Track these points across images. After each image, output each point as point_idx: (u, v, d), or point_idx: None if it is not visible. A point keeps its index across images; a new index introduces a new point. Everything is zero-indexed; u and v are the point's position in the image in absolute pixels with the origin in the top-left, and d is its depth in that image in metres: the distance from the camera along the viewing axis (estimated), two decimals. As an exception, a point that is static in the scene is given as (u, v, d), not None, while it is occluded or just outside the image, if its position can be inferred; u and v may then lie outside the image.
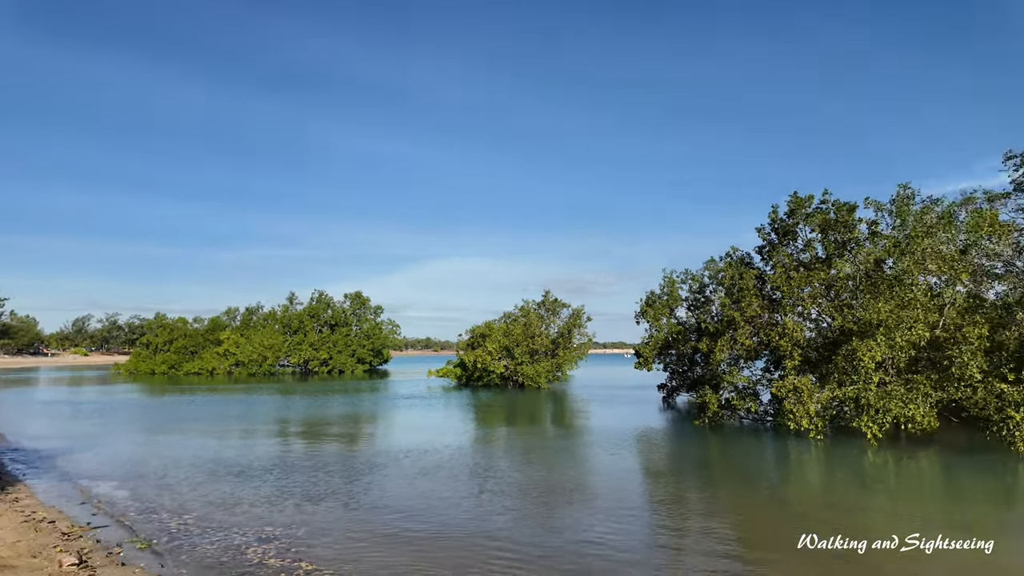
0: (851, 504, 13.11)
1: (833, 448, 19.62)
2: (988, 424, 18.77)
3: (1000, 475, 15.86)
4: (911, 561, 9.22)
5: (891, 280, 22.04)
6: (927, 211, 23.22)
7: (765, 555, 9.60)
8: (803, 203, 26.19)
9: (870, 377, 19.93)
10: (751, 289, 26.35)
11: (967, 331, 19.53)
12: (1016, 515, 12.58)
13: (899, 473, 16.45)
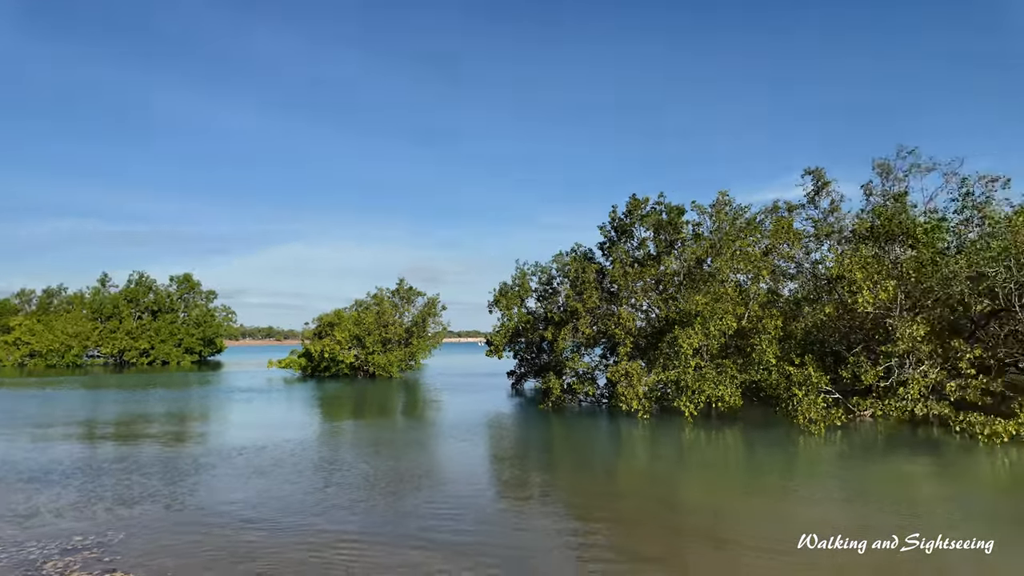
0: (669, 476, 14.75)
1: (658, 426, 21.83)
2: (779, 401, 22.06)
3: (785, 445, 18.74)
4: (714, 517, 10.65)
5: (708, 276, 24.96)
6: (738, 216, 26.60)
7: (599, 526, 10.49)
8: (639, 205, 28.65)
9: (688, 362, 22.52)
10: (592, 282, 28.32)
11: (766, 322, 22.78)
12: (796, 477, 15.00)
13: (709, 445, 18.77)
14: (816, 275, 28.74)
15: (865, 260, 22.81)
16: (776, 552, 9.04)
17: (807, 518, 11.03)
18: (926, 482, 14.06)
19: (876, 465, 15.62)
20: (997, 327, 23.82)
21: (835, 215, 30.52)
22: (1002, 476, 14.48)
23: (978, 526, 10.30)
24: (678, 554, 9.03)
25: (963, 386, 20.31)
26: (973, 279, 21.66)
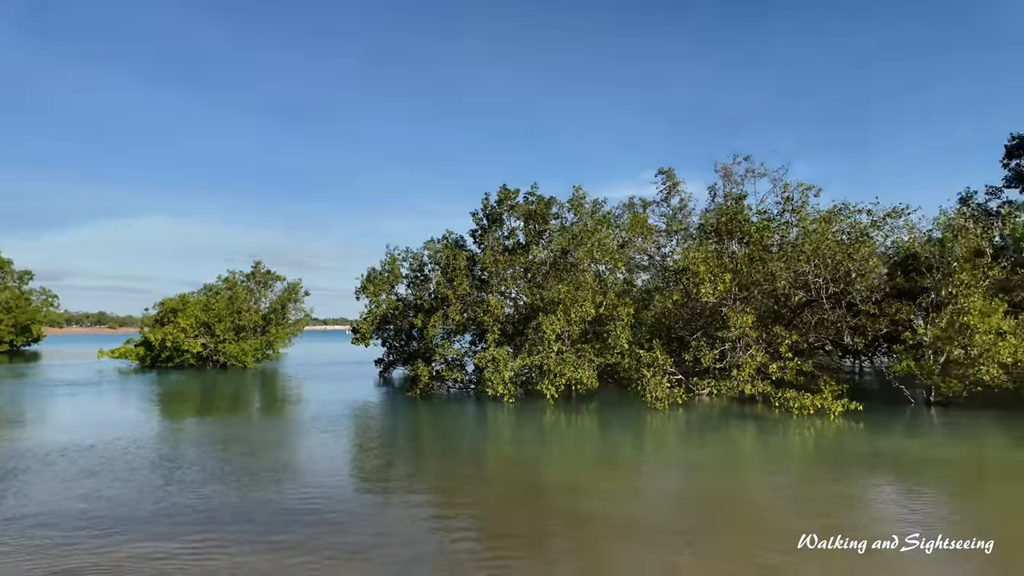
0: (532, 457, 15.39)
1: (522, 409, 22.63)
2: (630, 382, 23.86)
3: (635, 422, 20.33)
4: (573, 495, 11.31)
5: (570, 266, 26.23)
6: (596, 210, 28.19)
7: (464, 510, 10.67)
8: (510, 195, 29.29)
9: (551, 347, 23.59)
10: (463, 269, 28.52)
11: (620, 310, 24.48)
12: (645, 450, 16.36)
13: (569, 426, 19.83)
14: (666, 267, 31.35)
15: (707, 255, 25.32)
16: (630, 526, 9.82)
17: (656, 488, 12.14)
18: (751, 448, 16.05)
19: (712, 437, 17.54)
20: (809, 315, 27.66)
21: (683, 212, 33.48)
22: (808, 439, 16.93)
23: (789, 475, 12.00)
24: (540, 533, 9.47)
25: (782, 367, 23.36)
26: (792, 273, 24.92)
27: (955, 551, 8.33)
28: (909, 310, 24.90)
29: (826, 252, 24.01)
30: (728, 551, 8.38)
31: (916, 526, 9.41)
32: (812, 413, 20.15)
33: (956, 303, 21.28)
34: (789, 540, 8.71)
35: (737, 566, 7.84)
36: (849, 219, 24.79)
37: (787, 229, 27.49)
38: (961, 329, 20.49)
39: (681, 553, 8.35)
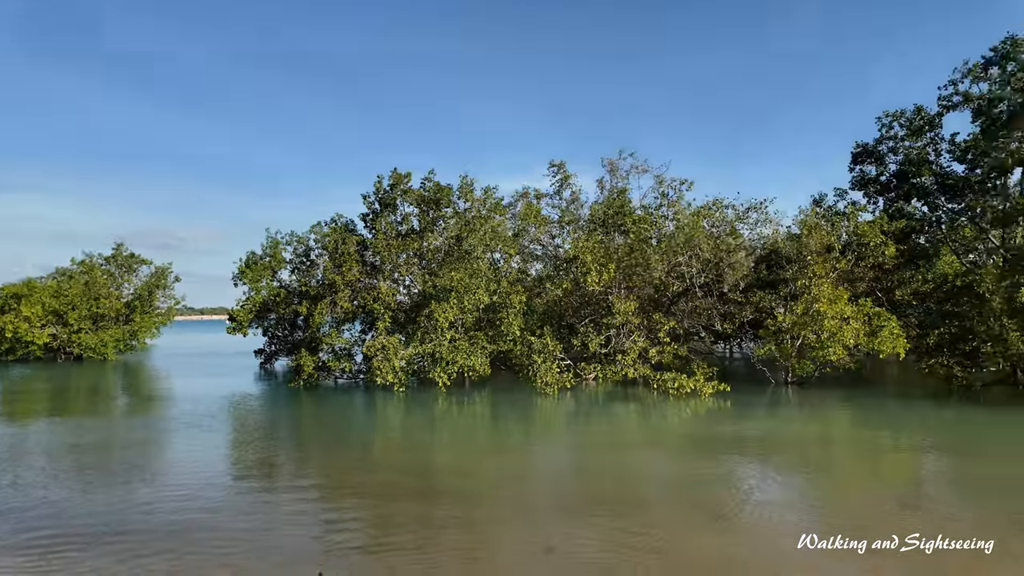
0: (423, 443, 15.18)
1: (414, 398, 22.29)
2: (522, 368, 24.27)
3: (526, 406, 20.70)
4: (464, 478, 11.26)
5: (464, 254, 26.14)
6: (488, 197, 28.26)
7: (350, 500, 10.26)
8: (403, 179, 28.58)
9: (444, 334, 23.42)
10: (353, 255, 27.49)
11: (513, 298, 24.78)
12: (535, 433, 16.69)
13: (462, 412, 19.81)
14: (557, 257, 32.15)
15: (594, 245, 26.25)
16: (520, 505, 9.93)
17: (545, 469, 12.41)
18: (634, 428, 16.91)
19: (598, 418, 18.31)
20: (685, 304, 29.59)
21: (575, 204, 34.48)
22: (683, 418, 18.13)
23: (668, 451, 12.77)
24: (430, 517, 9.33)
25: (661, 351, 24.80)
26: (669, 264, 26.50)
27: (808, 506, 9.27)
28: (771, 299, 27.37)
29: (698, 244, 25.77)
30: (611, 525, 8.73)
31: (777, 492, 10.36)
32: (687, 394, 21.61)
33: (810, 292, 23.68)
34: (668, 511, 9.26)
35: (619, 537, 8.18)
36: (719, 214, 26.73)
37: (664, 222, 29.18)
38: (814, 316, 22.84)
39: (568, 528, 8.57)
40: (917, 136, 28.37)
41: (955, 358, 24.52)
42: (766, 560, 7.44)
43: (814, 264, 24.60)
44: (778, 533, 8.40)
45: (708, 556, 7.59)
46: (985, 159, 26.11)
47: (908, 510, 9.30)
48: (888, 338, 22.14)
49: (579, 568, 7.20)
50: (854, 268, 27.43)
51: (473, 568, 7.34)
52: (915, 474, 12.12)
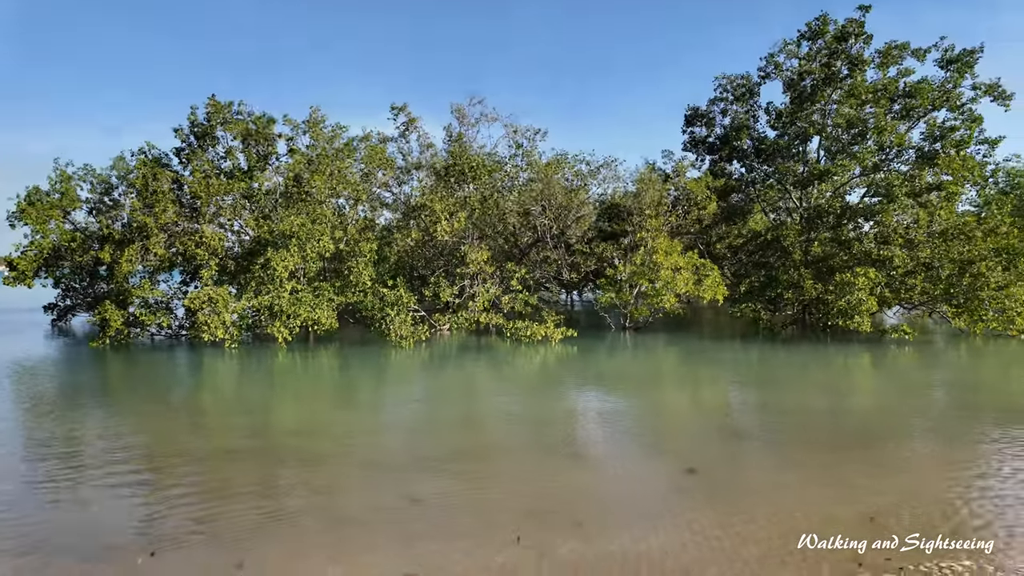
0: (261, 403, 13.64)
1: (249, 355, 20.15)
2: (373, 321, 23.05)
3: (378, 360, 19.71)
4: (309, 437, 10.19)
5: (306, 196, 23.81)
6: (336, 135, 25.91)
7: (181, 470, 8.73)
8: (222, 108, 25.03)
9: (284, 285, 21.31)
10: (167, 193, 23.71)
11: (362, 246, 23.20)
12: (387, 387, 15.87)
13: (307, 369, 18.27)
14: (406, 205, 30.79)
15: (443, 194, 25.40)
16: (370, 461, 9.18)
17: (398, 422, 11.74)
18: (489, 375, 16.83)
19: (453, 368, 17.96)
20: (535, 254, 30.18)
21: (422, 151, 33.09)
22: (535, 363, 18.49)
23: (522, 393, 12.80)
24: (270, 482, 8.25)
25: (513, 300, 25.05)
26: (521, 214, 26.62)
27: (648, 437, 9.76)
28: (612, 250, 28.89)
29: (552, 195, 26.17)
30: (466, 472, 8.41)
31: (623, 427, 10.81)
32: (538, 341, 22.13)
33: (647, 245, 25.29)
34: (528, 454, 9.17)
35: (475, 483, 7.88)
36: (573, 167, 27.30)
37: (517, 172, 29.17)
38: (651, 266, 24.47)
39: (422, 481, 8.07)
40: (742, 102, 31.14)
41: (762, 303, 28.02)
42: (617, 487, 7.62)
43: (650, 218, 26.25)
44: (627, 462, 8.73)
45: (566, 489, 7.61)
46: (791, 127, 29.50)
47: (725, 431, 10.23)
48: (711, 286, 24.49)
49: (445, 516, 6.77)
50: (682, 223, 29.86)
51: (336, 530, 6.56)
52: (729, 403, 13.45)
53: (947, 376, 16.95)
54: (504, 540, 6.33)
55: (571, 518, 6.85)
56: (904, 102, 26.69)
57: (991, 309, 22.91)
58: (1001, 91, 25.61)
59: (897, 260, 24.45)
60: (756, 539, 6.28)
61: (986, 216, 25.77)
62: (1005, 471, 8.27)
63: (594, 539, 6.32)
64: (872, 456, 9.03)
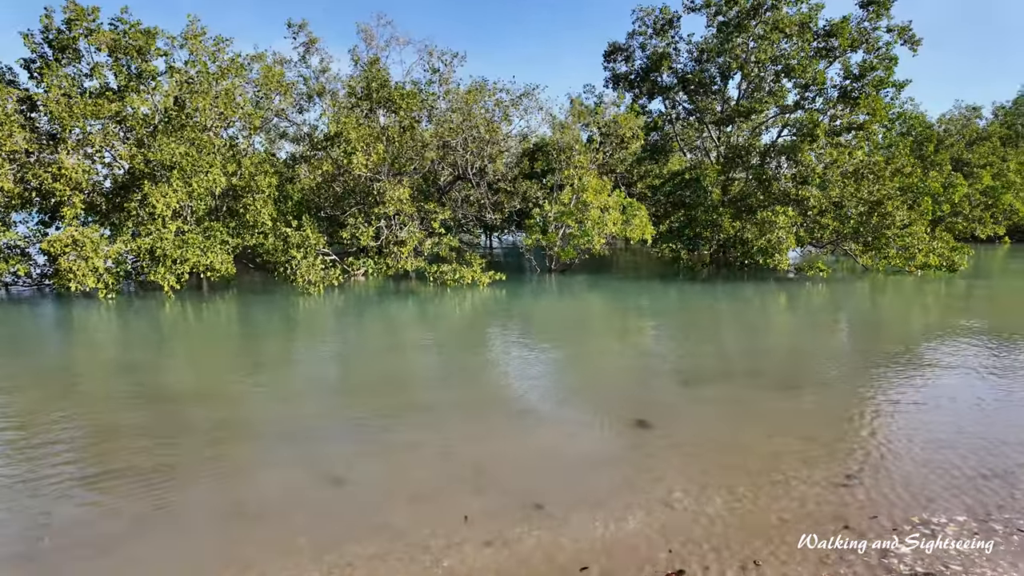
0: (143, 361, 11.47)
1: (129, 306, 17.45)
2: (278, 266, 20.70)
3: (285, 309, 17.65)
4: (213, 401, 8.43)
5: (190, 123, 20.47)
6: (220, 50, 22.29)
7: (46, 448, 6.77)
8: (83, 14, 20.75)
9: (167, 225, 18.41)
10: (13, 115, 19.58)
11: (260, 180, 20.46)
12: (297, 339, 14.04)
13: (200, 321, 15.97)
14: (312, 136, 27.80)
15: (358, 121, 22.86)
16: (284, 436, 7.64)
17: (310, 379, 10.15)
18: (414, 322, 15.37)
19: (372, 317, 16.30)
20: (456, 193, 28.38)
21: (326, 75, 29.78)
22: (464, 307, 17.22)
23: (453, 341, 11.54)
24: (157, 461, 6.55)
25: (436, 243, 23.40)
26: (440, 148, 24.61)
27: (571, 379, 8.90)
28: (537, 188, 27.65)
29: (475, 125, 24.26)
30: (396, 442, 7.14)
31: (558, 374, 9.89)
32: (466, 285, 20.81)
33: (574, 183, 24.21)
34: (463, 408, 8.00)
35: (407, 454, 6.65)
36: (494, 96, 25.34)
37: (434, 101, 26.85)
38: (579, 206, 23.49)
39: (343, 455, 6.72)
40: (661, 35, 30.11)
41: (682, 243, 28.06)
42: (572, 450, 6.66)
43: (578, 155, 25.10)
44: (576, 419, 7.80)
45: (514, 456, 6.55)
46: (713, 61, 28.95)
47: (665, 377, 9.58)
48: (640, 226, 23.97)
49: (374, 501, 5.50)
50: (608, 161, 28.99)
51: (236, 525, 5.11)
52: (662, 347, 12.88)
53: (867, 312, 17.42)
54: (449, 528, 5.17)
55: (526, 494, 5.78)
56: (824, 41, 26.70)
57: (895, 247, 24.01)
58: (911, 35, 26.13)
59: (812, 200, 24.96)
60: (743, 513, 5.49)
61: (893, 156, 26.75)
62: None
63: (560, 524, 5.29)
64: (828, 402, 8.64)
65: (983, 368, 10.12)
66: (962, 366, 10.29)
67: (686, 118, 32.20)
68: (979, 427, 7.42)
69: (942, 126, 47.44)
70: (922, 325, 14.45)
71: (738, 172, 28.30)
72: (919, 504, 5.53)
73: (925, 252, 23.61)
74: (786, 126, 28.49)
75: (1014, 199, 38.51)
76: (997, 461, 6.42)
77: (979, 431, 7.27)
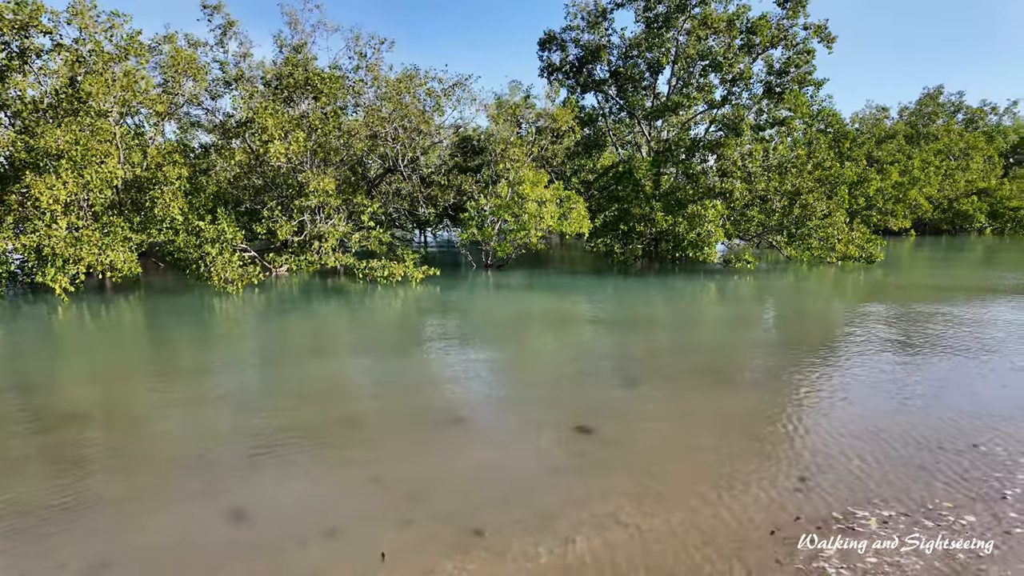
0: (26, 376, 9.98)
1: (15, 311, 15.48)
2: (190, 264, 19.04)
3: (199, 311, 16.17)
4: (102, 421, 7.28)
5: (81, 106, 18.41)
6: (114, 27, 20.08)
7: None
8: (-48, -19, 18.25)
9: (57, 221, 16.46)
10: None
11: (168, 171, 18.69)
12: (213, 345, 12.77)
13: (98, 327, 14.32)
14: (226, 124, 25.91)
15: (275, 108, 21.37)
16: (189, 460, 6.66)
17: (227, 387, 9.09)
18: (342, 322, 14.37)
19: (297, 316, 15.14)
20: (387, 185, 27.25)
21: (247, 61, 27.88)
22: (395, 306, 16.35)
23: (384, 344, 10.75)
24: (37, 496, 5.47)
25: (365, 237, 22.28)
26: (369, 138, 23.45)
27: (516, 377, 8.40)
28: (472, 182, 26.96)
29: (406, 115, 23.25)
30: (316, 462, 6.36)
31: (497, 377, 9.35)
32: (397, 282, 19.88)
33: (509, 176, 23.68)
34: (392, 429, 7.29)
35: (328, 477, 5.90)
36: (424, 85, 24.39)
37: (362, 88, 25.60)
38: (515, 199, 22.98)
39: (253, 483, 5.88)
40: (594, 29, 30.03)
41: (615, 237, 28.15)
42: (513, 462, 6.13)
43: (513, 147, 24.60)
44: (515, 426, 7.27)
45: (448, 474, 5.93)
46: (643, 57, 29.14)
47: (604, 377, 9.26)
48: (577, 219, 23.74)
49: (285, 542, 4.74)
50: (544, 154, 28.68)
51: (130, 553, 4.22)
52: (600, 344, 12.61)
53: (794, 302, 17.85)
54: (367, 568, 4.49)
55: (462, 518, 5.18)
56: (746, 38, 27.36)
57: (816, 238, 24.96)
58: (827, 33, 27.17)
59: (737, 193, 25.56)
60: (700, 524, 5.10)
61: (813, 151, 27.83)
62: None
63: (500, 554, 4.71)
64: (768, 397, 8.51)
65: (905, 353, 10.36)
66: (886, 351, 10.50)
67: (617, 113, 32.32)
68: (904, 416, 7.43)
69: (855, 124, 50.26)
70: (846, 314, 14.86)
71: (668, 167, 28.63)
72: (868, 501, 5.32)
73: (844, 243, 24.66)
74: (714, 122, 29.10)
75: (919, 195, 41.24)
76: (913, 453, 6.37)
77: (905, 419, 7.27)
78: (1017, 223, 51.36)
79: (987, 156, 53.12)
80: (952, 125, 54.88)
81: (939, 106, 57.36)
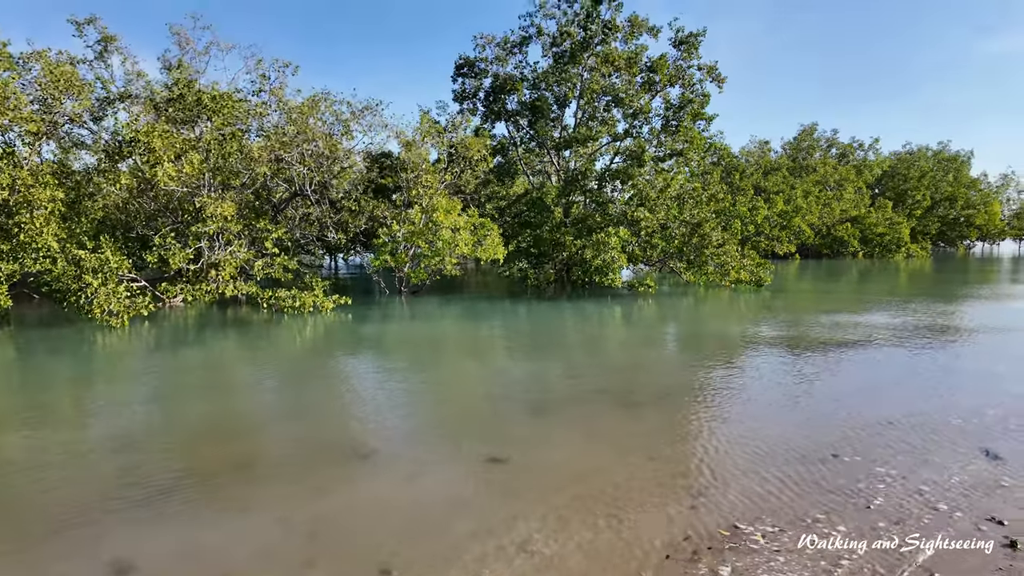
0: None
1: None
2: (68, 295, 17.40)
3: (78, 346, 14.75)
4: None
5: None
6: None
7: None
8: None
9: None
10: None
11: (38, 193, 17.05)
12: (95, 383, 11.63)
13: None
14: (110, 146, 24.18)
15: (164, 130, 20.15)
16: (66, 516, 5.99)
17: (111, 439, 8.29)
18: (244, 355, 13.57)
19: (192, 350, 14.13)
20: (294, 210, 26.34)
21: (138, 79, 26.23)
22: (303, 337, 15.69)
23: (284, 374, 10.26)
24: None
25: (269, 264, 21.33)
26: (273, 162, 22.67)
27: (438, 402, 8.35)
28: (385, 207, 26.62)
29: (312, 139, 22.68)
30: (212, 508, 5.95)
31: (410, 408, 9.20)
32: (307, 312, 19.13)
33: (423, 202, 23.61)
34: (295, 467, 6.96)
35: (226, 524, 5.54)
36: (332, 107, 23.94)
37: (264, 111, 24.74)
38: (429, 226, 22.90)
39: (140, 534, 5.40)
40: (503, 62, 30.91)
41: (528, 262, 28.73)
42: (424, 497, 6.05)
43: (426, 173, 24.62)
44: (430, 461, 7.18)
45: (353, 511, 5.75)
46: (551, 90, 30.26)
47: (518, 404, 9.40)
48: (492, 246, 23.98)
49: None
50: (457, 181, 28.90)
51: None
52: (515, 371, 12.75)
53: (692, 323, 18.90)
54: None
55: (369, 557, 5.01)
56: (647, 76, 29.17)
57: (712, 264, 26.67)
58: (717, 74, 29.48)
59: (644, 221, 26.93)
60: (605, 546, 5.23)
61: (708, 183, 29.88)
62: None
63: (409, 588, 4.59)
64: (669, 416, 8.93)
65: (794, 368, 11.25)
66: (777, 368, 11.35)
67: (528, 142, 33.25)
68: (798, 428, 8.05)
69: (743, 157, 54.59)
70: (740, 334, 15.92)
71: (576, 195, 29.68)
72: (756, 518, 5.69)
73: (737, 269, 26.51)
74: (618, 153, 30.59)
75: (801, 222, 45.21)
76: (797, 466, 6.93)
77: (799, 432, 7.88)
78: (883, 247, 57.54)
79: (857, 187, 59.40)
80: (827, 159, 61.00)
81: (815, 141, 63.61)
